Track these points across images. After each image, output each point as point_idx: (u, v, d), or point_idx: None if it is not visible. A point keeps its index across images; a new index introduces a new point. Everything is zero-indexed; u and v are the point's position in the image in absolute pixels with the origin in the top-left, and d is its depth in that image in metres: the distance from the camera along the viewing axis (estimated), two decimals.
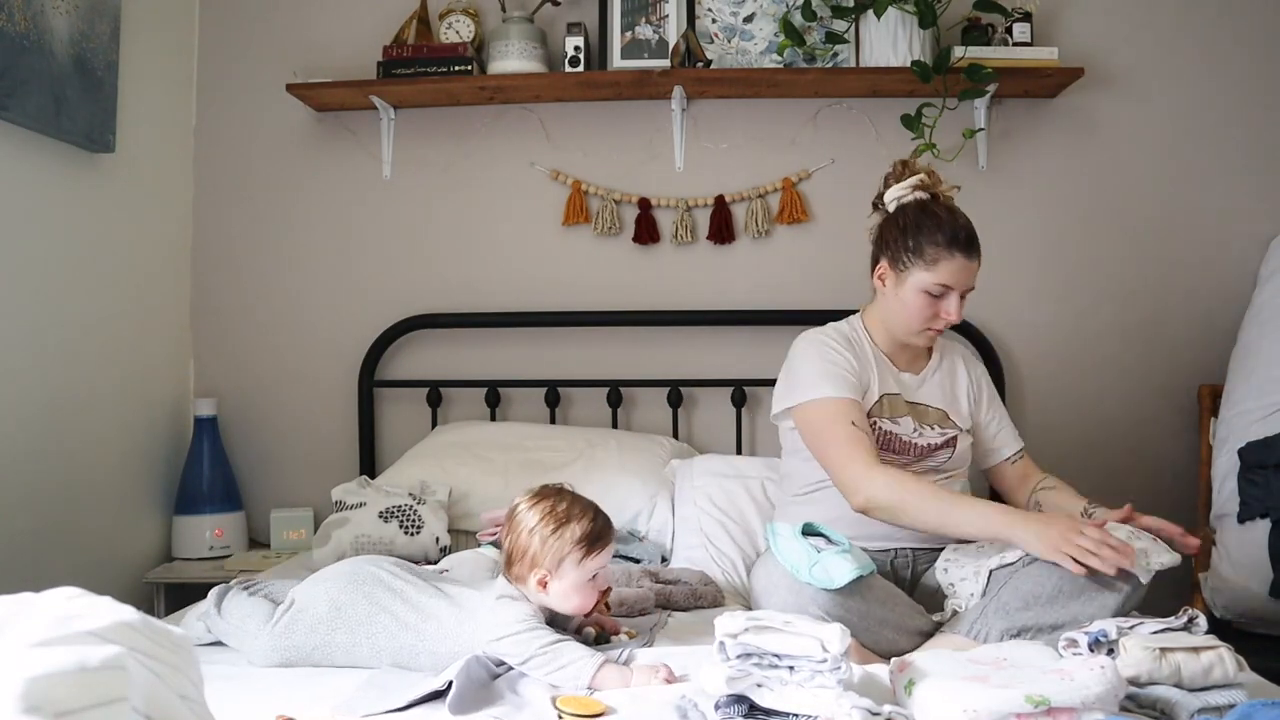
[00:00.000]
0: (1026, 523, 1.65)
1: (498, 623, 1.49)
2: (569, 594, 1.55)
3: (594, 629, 1.63)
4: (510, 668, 1.47)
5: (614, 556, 2.13)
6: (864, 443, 1.80)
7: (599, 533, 1.56)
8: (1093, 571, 1.55)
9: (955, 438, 1.95)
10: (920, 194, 1.93)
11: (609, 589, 1.65)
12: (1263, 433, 2.29)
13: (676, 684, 1.42)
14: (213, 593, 1.70)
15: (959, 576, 1.75)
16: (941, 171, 2.61)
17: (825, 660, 1.24)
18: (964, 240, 1.85)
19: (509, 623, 1.49)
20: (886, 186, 1.98)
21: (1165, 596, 2.03)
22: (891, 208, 1.95)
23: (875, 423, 1.89)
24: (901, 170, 1.98)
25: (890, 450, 1.89)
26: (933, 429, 1.94)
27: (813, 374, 1.89)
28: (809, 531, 1.71)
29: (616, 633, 1.66)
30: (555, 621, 1.57)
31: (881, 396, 1.92)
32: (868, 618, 1.59)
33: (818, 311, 2.66)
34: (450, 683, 1.36)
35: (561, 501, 1.58)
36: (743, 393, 2.67)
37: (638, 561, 2.15)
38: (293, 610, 1.58)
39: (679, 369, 2.73)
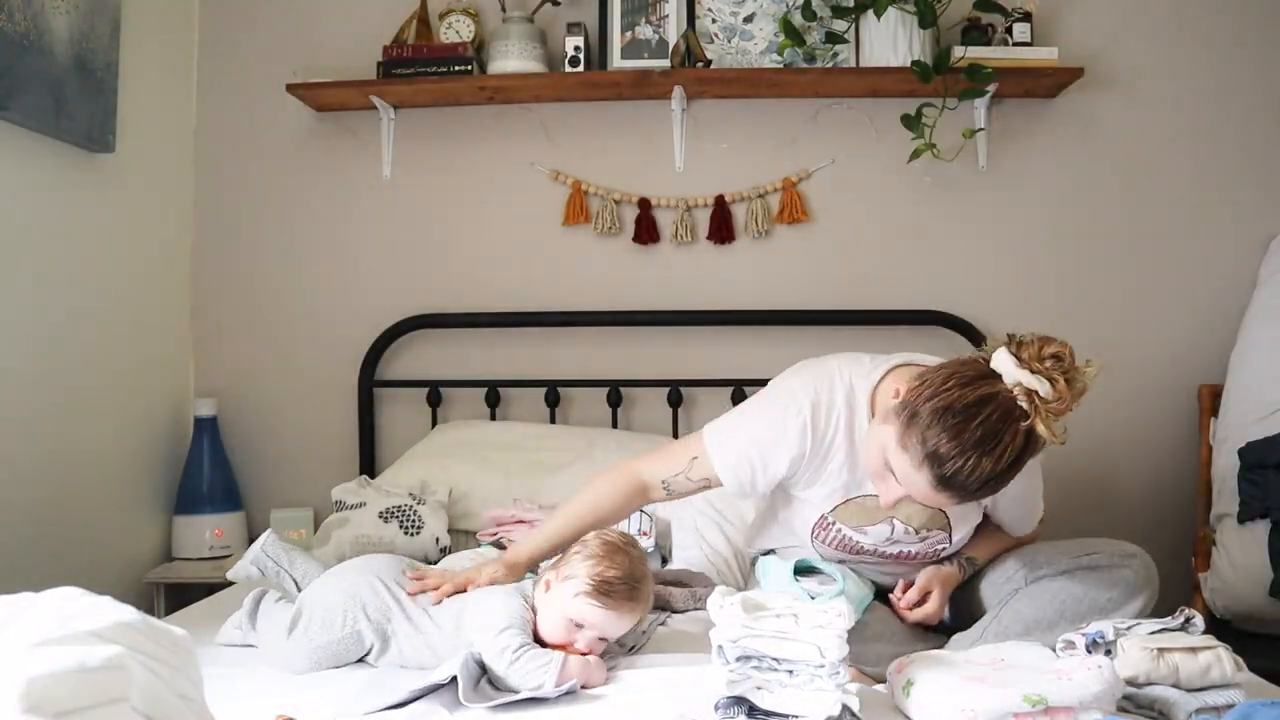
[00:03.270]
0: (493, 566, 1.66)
1: (484, 608, 1.51)
2: (551, 611, 1.52)
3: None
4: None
5: None
6: (656, 464, 1.71)
7: (612, 590, 1.49)
8: None
9: (941, 542, 1.69)
10: (1023, 402, 1.37)
11: (587, 653, 1.50)
12: (1263, 433, 2.29)
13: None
14: (247, 600, 1.69)
15: None
16: (942, 171, 2.64)
17: (824, 666, 1.24)
18: (937, 480, 1.40)
19: (491, 611, 1.49)
20: (1017, 349, 1.40)
21: (1165, 596, 2.03)
22: (1005, 382, 1.39)
23: (837, 527, 1.67)
24: (1039, 352, 1.39)
25: (852, 552, 1.71)
26: (916, 533, 1.67)
27: (743, 437, 1.65)
28: (801, 568, 1.63)
29: None
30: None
31: (848, 500, 1.64)
32: (865, 655, 1.52)
33: (817, 311, 2.68)
34: (453, 677, 1.37)
35: (621, 549, 1.55)
36: (742, 393, 2.67)
37: None
38: (305, 613, 1.58)
39: (679, 369, 2.73)
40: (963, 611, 1.74)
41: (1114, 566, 1.61)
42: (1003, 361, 1.40)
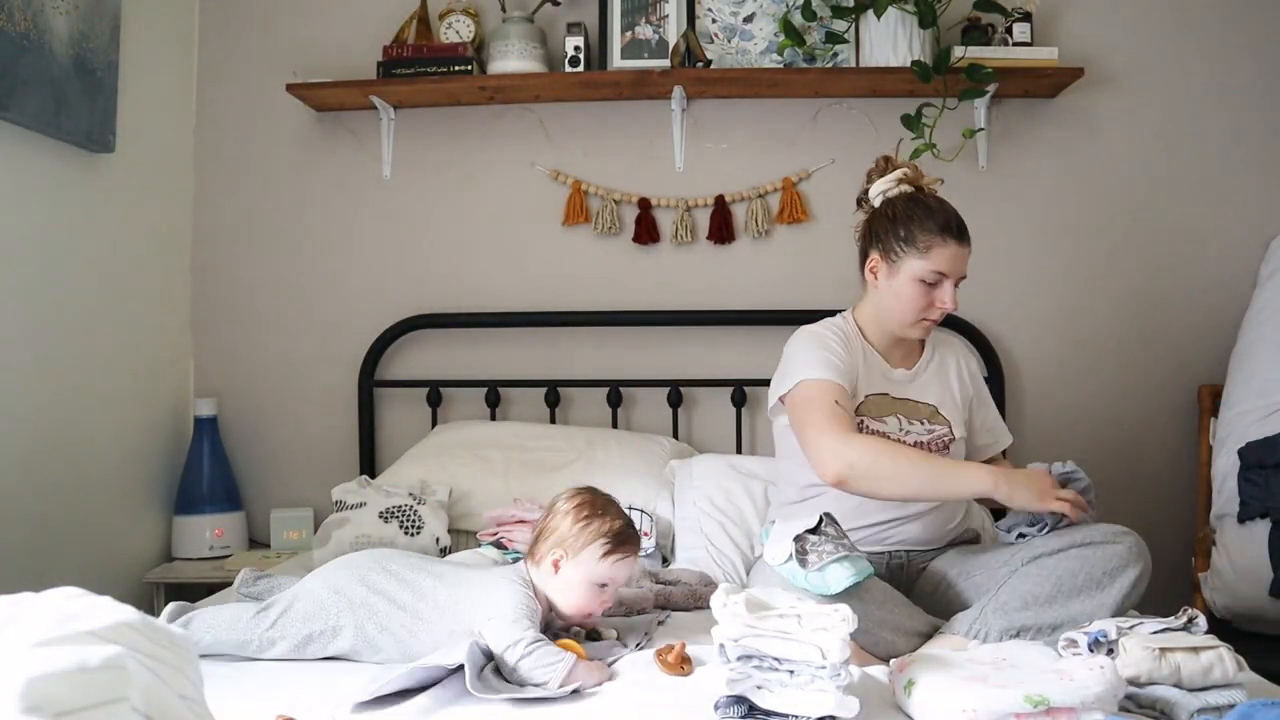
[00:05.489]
0: (1013, 479, 1.71)
1: (493, 600, 1.51)
2: (574, 585, 1.56)
3: (583, 627, 1.64)
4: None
5: None
6: (844, 418, 1.77)
7: (626, 538, 1.59)
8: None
9: (946, 435, 1.92)
10: (905, 187, 1.96)
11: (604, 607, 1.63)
12: (1263, 433, 2.29)
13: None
14: (166, 612, 1.63)
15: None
16: (941, 171, 2.64)
17: (825, 667, 1.24)
18: (956, 227, 1.88)
19: (502, 602, 1.50)
20: (870, 182, 2.00)
21: (1165, 596, 2.03)
22: (877, 202, 1.97)
23: (862, 421, 1.86)
24: (885, 165, 2.01)
25: None
26: (922, 424, 1.91)
27: (804, 360, 1.87)
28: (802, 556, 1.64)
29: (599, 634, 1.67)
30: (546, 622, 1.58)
31: (866, 397, 1.90)
32: (866, 620, 1.55)
33: (818, 311, 2.64)
34: (460, 665, 1.37)
35: (602, 500, 1.63)
36: (743, 393, 2.67)
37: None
38: (291, 602, 1.58)
39: (679, 369, 2.73)
40: (961, 596, 1.77)
41: (1107, 543, 1.66)
42: (877, 187, 1.98)
